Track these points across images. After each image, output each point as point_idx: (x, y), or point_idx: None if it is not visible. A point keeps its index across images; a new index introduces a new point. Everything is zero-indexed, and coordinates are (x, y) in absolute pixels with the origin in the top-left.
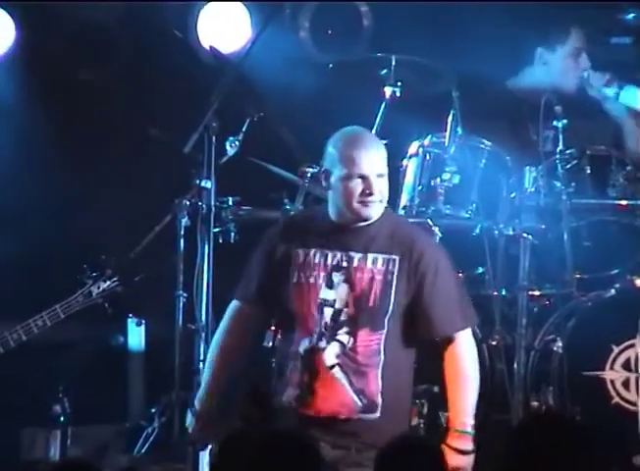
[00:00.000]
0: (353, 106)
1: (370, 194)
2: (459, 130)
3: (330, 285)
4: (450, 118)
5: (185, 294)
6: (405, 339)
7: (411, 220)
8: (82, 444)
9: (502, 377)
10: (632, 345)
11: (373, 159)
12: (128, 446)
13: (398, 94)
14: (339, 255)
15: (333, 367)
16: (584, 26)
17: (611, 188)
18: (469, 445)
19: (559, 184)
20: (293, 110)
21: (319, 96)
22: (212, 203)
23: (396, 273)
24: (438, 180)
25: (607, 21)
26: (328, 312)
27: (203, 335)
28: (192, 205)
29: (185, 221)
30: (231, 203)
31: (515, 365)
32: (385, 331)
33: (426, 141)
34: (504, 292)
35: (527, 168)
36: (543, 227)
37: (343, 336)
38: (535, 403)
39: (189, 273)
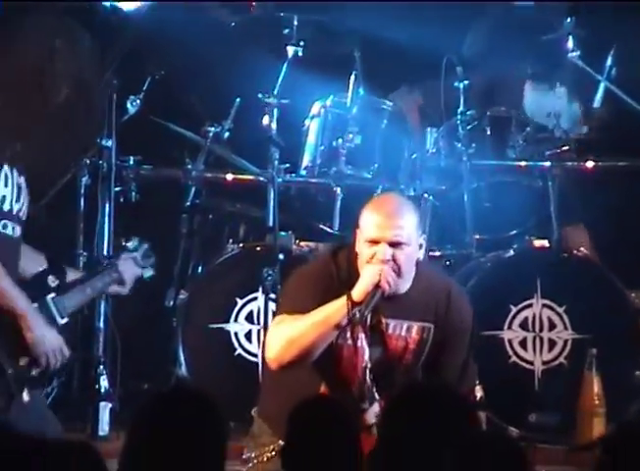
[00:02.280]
0: (256, 65)
1: (380, 262)
2: (361, 90)
3: (369, 345)
4: (352, 78)
5: (85, 253)
6: None
7: (313, 180)
8: None
9: None
10: (530, 305)
11: (388, 225)
12: None
13: (300, 54)
14: (374, 319)
15: (371, 426)
16: None
17: (510, 150)
18: None
19: (459, 146)
20: (197, 69)
21: (222, 55)
22: (113, 162)
23: (429, 342)
24: (340, 140)
25: None
26: (369, 373)
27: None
28: (93, 164)
29: (85, 180)
30: (132, 162)
31: None
32: None
33: (328, 102)
34: None
35: (428, 129)
36: (443, 188)
37: (376, 394)
38: None
39: (90, 232)
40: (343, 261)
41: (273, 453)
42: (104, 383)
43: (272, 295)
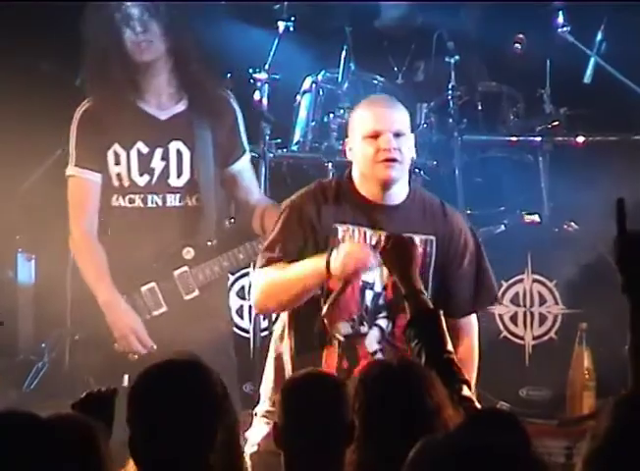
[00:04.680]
0: (247, 41)
1: (387, 151)
2: (352, 65)
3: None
4: (343, 53)
5: None
6: None
7: (305, 156)
8: None
9: None
10: (521, 280)
11: (387, 116)
12: (18, 381)
13: (291, 29)
14: (376, 235)
15: (375, 353)
16: None
17: (501, 125)
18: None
19: (450, 121)
20: (186, 44)
21: (213, 30)
22: None
23: (433, 255)
24: (331, 115)
25: None
26: (369, 295)
27: None
28: None
29: None
30: None
31: None
32: None
33: (319, 77)
34: None
35: (419, 104)
36: (435, 163)
37: (382, 320)
38: None
39: None
40: (331, 186)
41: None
42: None
43: None
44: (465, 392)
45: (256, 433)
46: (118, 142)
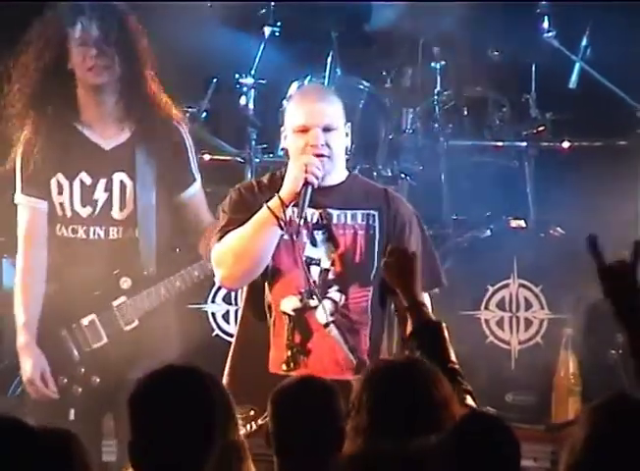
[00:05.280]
0: (233, 46)
1: (315, 147)
2: (339, 70)
3: (314, 243)
4: (329, 58)
5: None
6: (385, 297)
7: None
8: None
9: None
10: (507, 285)
11: (317, 110)
12: (2, 387)
13: (277, 34)
14: (317, 213)
15: (328, 325)
16: None
17: (487, 130)
18: None
19: (436, 126)
20: (173, 50)
21: (199, 35)
22: None
23: (377, 228)
24: None
25: None
26: (315, 270)
27: None
28: None
29: None
30: None
31: (392, 305)
32: (371, 288)
33: (305, 82)
34: None
35: (405, 109)
36: (420, 168)
37: (334, 293)
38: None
39: None
40: (264, 179)
41: (253, 426)
42: None
43: None
44: (469, 401)
45: None
46: (61, 172)
